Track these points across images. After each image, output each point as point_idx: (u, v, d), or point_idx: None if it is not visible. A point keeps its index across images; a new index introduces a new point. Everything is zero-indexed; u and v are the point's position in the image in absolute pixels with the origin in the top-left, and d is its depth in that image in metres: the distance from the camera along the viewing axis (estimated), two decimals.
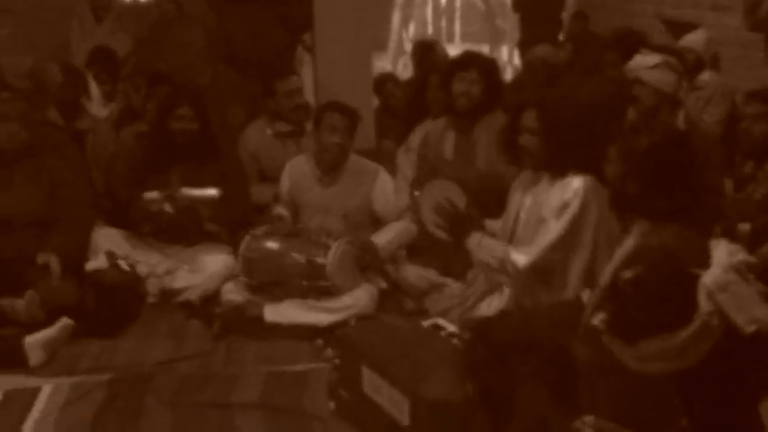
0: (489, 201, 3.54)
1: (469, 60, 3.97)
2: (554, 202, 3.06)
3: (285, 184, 4.05)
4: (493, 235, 3.29)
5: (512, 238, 3.23)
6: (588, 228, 2.98)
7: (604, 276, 2.58)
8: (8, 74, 5.78)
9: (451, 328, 2.94)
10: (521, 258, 3.07)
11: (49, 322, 3.41)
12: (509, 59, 17.04)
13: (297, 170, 4.04)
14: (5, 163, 3.73)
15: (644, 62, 3.90)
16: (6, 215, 3.68)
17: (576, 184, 3.00)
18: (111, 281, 3.67)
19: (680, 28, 6.28)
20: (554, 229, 3.03)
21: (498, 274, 3.16)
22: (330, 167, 3.94)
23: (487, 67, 3.98)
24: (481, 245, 3.16)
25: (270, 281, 3.65)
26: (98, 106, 5.38)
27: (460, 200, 3.53)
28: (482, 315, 3.12)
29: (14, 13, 7.02)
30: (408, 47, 16.77)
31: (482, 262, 3.17)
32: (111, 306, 3.59)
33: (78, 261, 3.79)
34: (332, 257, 3.57)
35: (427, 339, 2.84)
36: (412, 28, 17.45)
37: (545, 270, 3.06)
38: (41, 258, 3.58)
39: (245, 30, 5.11)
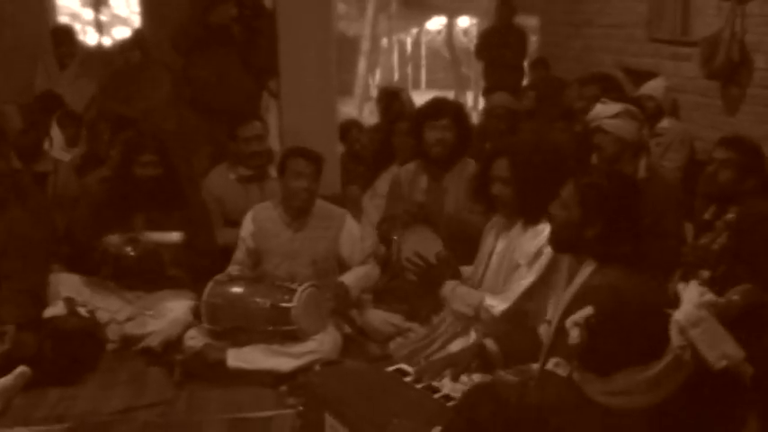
0: (457, 246, 3.55)
1: (441, 108, 4.02)
2: (527, 248, 3.08)
3: (248, 229, 4.02)
4: (467, 280, 3.30)
5: (482, 282, 3.25)
6: (561, 273, 3.00)
7: (554, 318, 2.62)
8: None
9: (413, 374, 2.92)
10: (496, 305, 3.08)
11: (4, 370, 3.33)
12: (474, 105, 17.34)
13: (262, 216, 4.02)
14: None
15: (605, 111, 3.96)
16: None
17: (547, 231, 3.01)
18: (70, 328, 3.61)
19: (639, 76, 6.42)
20: (528, 275, 3.05)
21: (472, 322, 3.16)
22: (297, 213, 3.94)
23: (458, 114, 4.03)
24: (455, 292, 3.18)
25: (234, 327, 3.61)
26: (60, 150, 5.36)
27: (437, 246, 3.56)
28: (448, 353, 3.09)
29: None
30: (374, 93, 16.97)
31: (456, 310, 3.18)
32: (69, 353, 3.52)
33: (34, 311, 3.71)
34: (297, 301, 3.55)
35: (391, 386, 2.81)
36: (378, 74, 17.70)
37: (519, 315, 3.06)
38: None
39: (211, 75, 5.12)
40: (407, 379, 2.83)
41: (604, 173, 2.75)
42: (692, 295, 2.34)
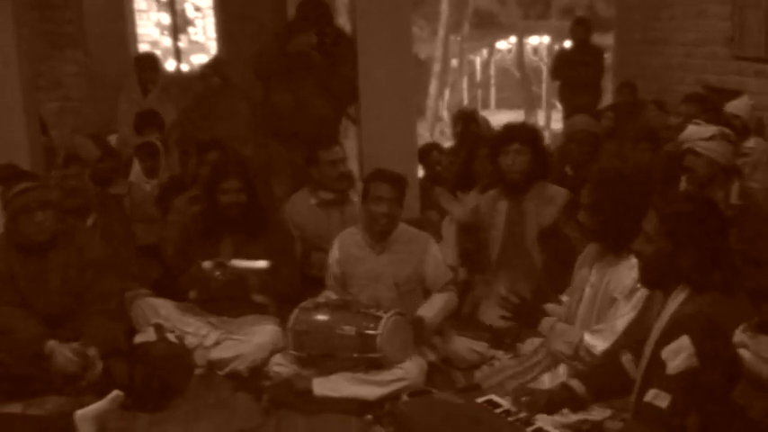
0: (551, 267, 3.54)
1: (510, 134, 4.06)
2: (624, 281, 3.03)
3: (334, 255, 4.04)
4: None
5: (576, 314, 3.20)
6: (656, 306, 2.93)
7: (646, 351, 2.55)
8: (58, 147, 5.95)
9: (507, 404, 2.87)
10: (597, 344, 3.02)
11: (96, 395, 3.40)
12: (546, 124, 17.19)
13: (347, 241, 4.04)
14: (37, 255, 3.70)
15: (699, 133, 3.87)
16: (46, 310, 3.67)
17: None
18: (160, 354, 3.65)
19: (721, 95, 6.27)
20: (627, 311, 2.99)
21: (571, 360, 3.10)
22: (380, 236, 3.94)
23: (530, 137, 4.06)
24: (554, 330, 3.13)
25: (319, 354, 3.61)
26: (140, 180, 5.48)
27: (531, 280, 3.54)
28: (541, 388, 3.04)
29: (63, 88, 7.25)
30: (444, 114, 16.99)
31: (554, 349, 3.14)
32: (160, 379, 3.56)
33: (120, 340, 3.78)
34: (382, 329, 3.53)
35: (482, 417, 2.76)
36: (447, 95, 17.70)
37: (617, 353, 3.00)
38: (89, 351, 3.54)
39: (291, 101, 5.18)
40: (499, 411, 2.78)
41: (686, 199, 2.69)
42: None
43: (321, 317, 3.66)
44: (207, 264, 3.96)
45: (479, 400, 2.91)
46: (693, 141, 3.80)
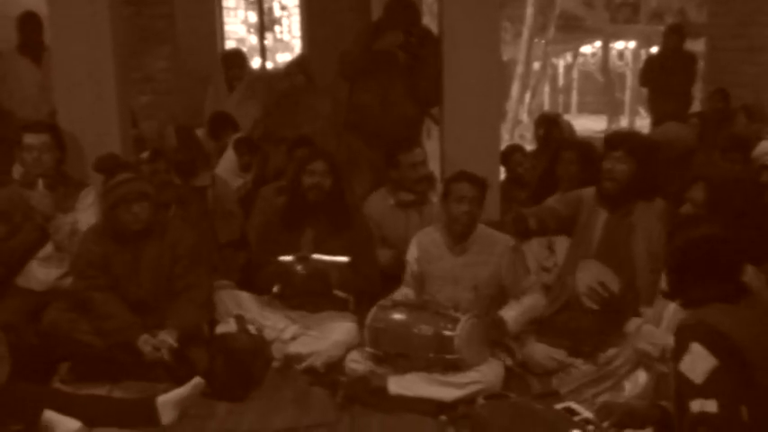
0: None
1: (616, 140, 3.91)
2: None
3: (413, 254, 4.05)
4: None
5: (661, 319, 3.14)
6: None
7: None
8: (147, 138, 6.12)
9: (586, 413, 2.83)
10: None
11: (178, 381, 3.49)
12: None
13: (426, 240, 4.04)
14: (132, 245, 3.81)
15: None
16: (135, 299, 3.79)
17: None
18: (241, 345, 3.72)
19: None
20: None
21: (658, 363, 3.05)
22: (460, 237, 3.93)
23: (637, 148, 3.86)
24: (641, 330, 3.08)
25: (396, 352, 3.62)
26: (233, 175, 5.59)
27: (614, 283, 3.46)
28: (627, 397, 2.99)
29: (153, 82, 7.45)
30: (525, 117, 16.81)
31: (640, 349, 3.08)
32: (239, 370, 3.62)
33: (202, 328, 3.89)
34: (460, 330, 3.52)
35: (559, 424, 2.74)
36: (528, 98, 17.50)
37: None
38: (163, 336, 3.64)
39: (375, 101, 5.20)
40: (577, 419, 2.75)
41: (694, 225, 2.61)
42: None
43: (399, 315, 3.67)
44: (288, 257, 4.00)
45: (558, 406, 2.88)
46: (765, 157, 3.71)
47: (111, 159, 4.02)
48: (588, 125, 16.89)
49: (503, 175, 5.61)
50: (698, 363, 2.29)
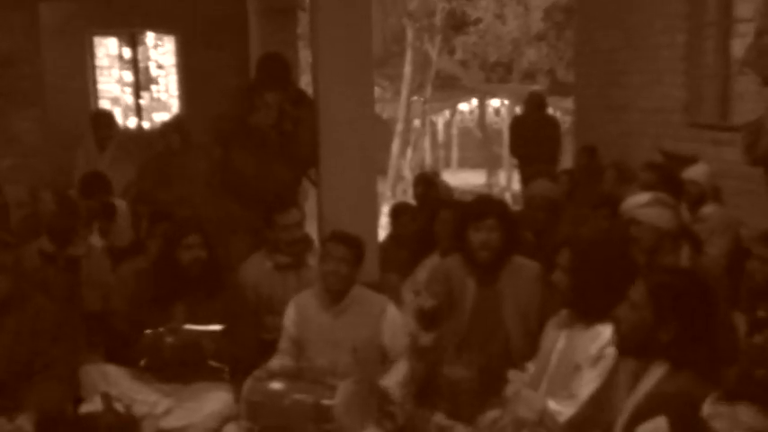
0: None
1: (485, 207, 3.89)
2: (588, 350, 3.01)
3: (290, 317, 3.96)
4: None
5: (541, 379, 3.17)
6: (623, 375, 2.89)
7: (617, 426, 2.52)
8: (11, 203, 5.81)
9: None
10: (561, 411, 2.98)
11: None
12: (507, 184, 17.37)
13: (303, 303, 3.97)
14: None
15: (635, 201, 3.92)
16: None
17: (608, 332, 2.91)
18: (106, 425, 3.53)
19: (679, 161, 6.36)
20: (590, 380, 2.97)
21: (535, 427, 3.05)
22: (334, 297, 3.88)
23: (503, 212, 3.90)
24: (520, 396, 3.08)
25: (274, 425, 3.50)
26: (95, 240, 5.35)
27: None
28: None
29: (19, 144, 7.12)
30: (407, 173, 17.08)
31: (519, 415, 3.08)
32: None
33: (65, 408, 3.65)
34: (339, 398, 3.44)
35: None
36: (409, 154, 17.83)
37: (585, 423, 2.97)
38: (20, 421, 3.39)
39: (250, 165, 5.13)
40: None
41: (679, 273, 2.67)
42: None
43: (276, 386, 3.56)
44: (159, 330, 3.83)
45: None
46: (633, 210, 3.84)
47: None
48: (469, 179, 17.36)
49: (382, 234, 5.63)
50: None
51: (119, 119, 8.19)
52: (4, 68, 6.95)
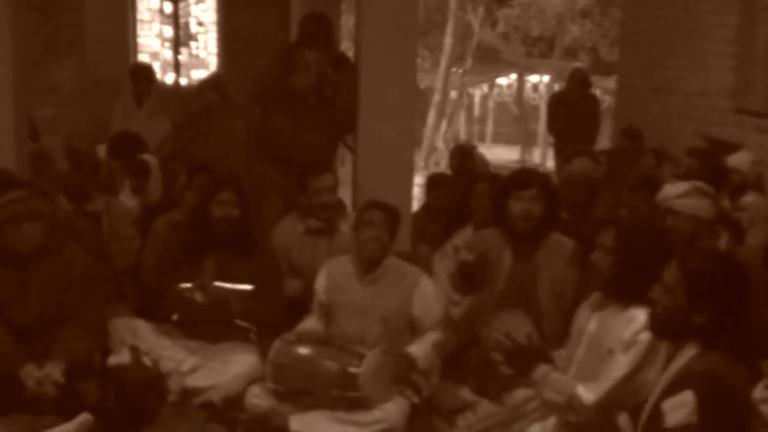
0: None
1: (528, 177, 3.86)
2: (621, 334, 2.96)
3: (321, 283, 3.92)
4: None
5: (571, 362, 3.14)
6: (656, 363, 2.85)
7: (648, 404, 2.54)
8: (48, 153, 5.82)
9: None
10: (588, 395, 2.95)
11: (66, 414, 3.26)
12: (541, 162, 17.20)
13: (335, 270, 3.92)
14: (21, 266, 3.55)
15: (673, 191, 3.88)
16: (21, 324, 3.54)
17: (643, 317, 2.88)
18: (133, 378, 3.52)
19: (722, 147, 6.22)
20: (622, 365, 2.91)
21: (563, 411, 3.02)
22: (369, 265, 3.82)
23: (546, 185, 3.85)
24: (548, 379, 3.05)
25: (299, 389, 3.49)
26: (127, 197, 5.35)
27: (525, 329, 3.42)
28: None
29: (57, 93, 7.13)
30: (440, 145, 16.97)
31: (548, 398, 3.05)
32: (131, 404, 3.42)
33: (93, 357, 3.66)
34: (365, 367, 3.42)
35: None
36: (444, 126, 17.70)
37: (612, 405, 2.93)
38: (49, 368, 3.38)
39: (288, 127, 5.09)
40: None
41: (713, 257, 2.63)
42: None
43: (303, 350, 3.54)
44: (187, 284, 3.83)
45: None
46: (670, 200, 3.79)
47: (1, 175, 3.78)
48: (502, 155, 17.19)
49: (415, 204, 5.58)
50: (680, 411, 2.32)
51: (157, 74, 8.13)
52: (46, 14, 6.94)
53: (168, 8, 9.77)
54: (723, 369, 2.37)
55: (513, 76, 20.17)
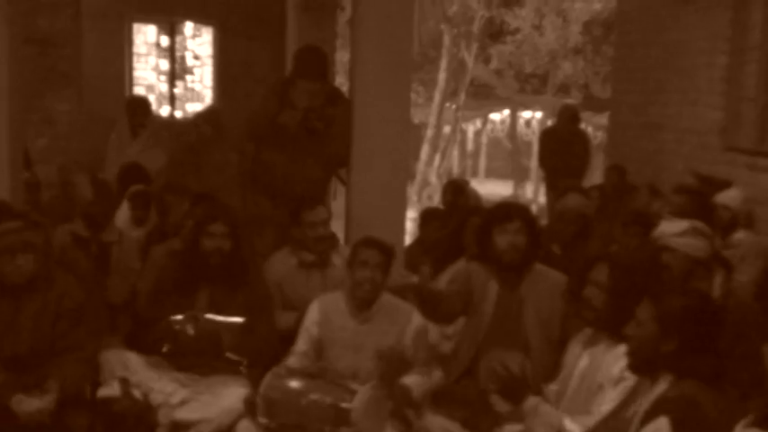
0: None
1: (511, 210, 3.90)
2: (611, 370, 2.98)
3: (313, 317, 3.92)
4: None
5: (563, 397, 3.15)
6: (641, 399, 2.86)
7: None
8: (42, 182, 5.85)
9: None
10: (575, 429, 2.95)
11: None
12: (534, 197, 17.26)
13: (328, 306, 3.92)
14: (13, 297, 3.54)
15: (671, 229, 3.89)
16: (12, 354, 3.51)
17: None
18: (122, 410, 3.52)
19: (713, 185, 6.27)
20: (610, 399, 2.93)
21: None
22: (363, 304, 3.83)
23: (529, 216, 3.91)
24: (537, 411, 3.04)
25: (290, 423, 3.47)
26: (128, 227, 5.37)
27: (518, 360, 3.42)
28: None
29: (54, 125, 7.19)
30: (433, 179, 17.03)
31: (535, 431, 3.04)
32: None
33: (84, 389, 3.65)
34: (358, 402, 3.41)
35: None
36: (437, 161, 17.77)
37: None
38: (42, 400, 3.36)
39: (280, 161, 5.11)
40: None
41: (681, 291, 2.71)
42: None
43: (294, 384, 3.53)
44: (179, 317, 3.82)
45: None
46: (667, 237, 3.81)
47: None
48: (495, 189, 17.27)
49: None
50: None
51: (153, 106, 8.19)
52: (45, 48, 7.03)
53: (165, 42, 9.86)
54: (697, 395, 2.40)
55: (507, 112, 20.32)
